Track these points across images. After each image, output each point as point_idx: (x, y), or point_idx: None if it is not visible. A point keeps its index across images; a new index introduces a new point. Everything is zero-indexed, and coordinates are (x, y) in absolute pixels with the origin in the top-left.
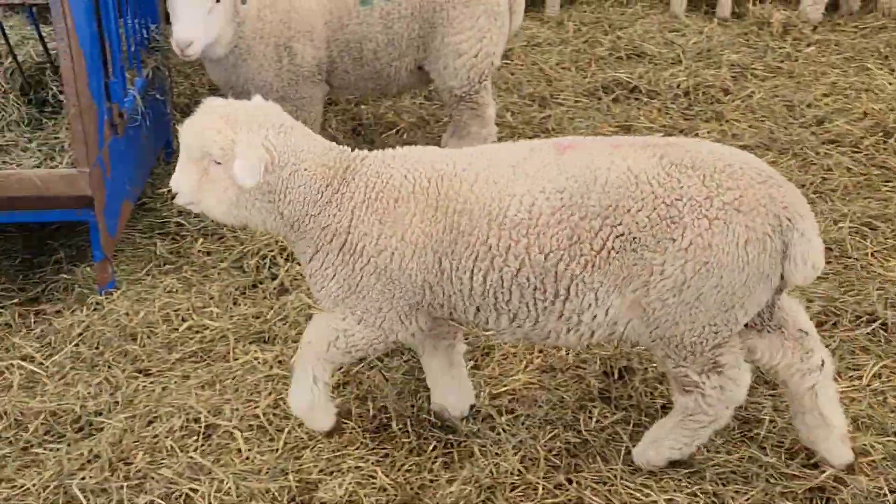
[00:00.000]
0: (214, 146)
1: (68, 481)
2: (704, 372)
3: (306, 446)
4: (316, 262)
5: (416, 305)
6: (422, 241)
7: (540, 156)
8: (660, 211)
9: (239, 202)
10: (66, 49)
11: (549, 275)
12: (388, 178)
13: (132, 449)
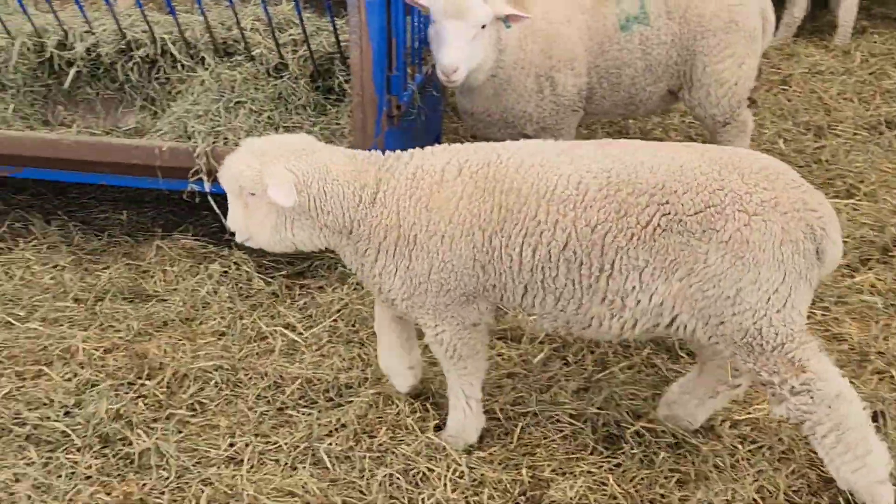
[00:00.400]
0: (245, 179)
1: (317, 444)
2: (779, 372)
3: (539, 444)
4: (380, 262)
5: (471, 293)
6: (469, 221)
7: (584, 148)
8: (703, 197)
9: (277, 226)
10: (357, 41)
11: (596, 248)
12: (430, 167)
13: (376, 423)
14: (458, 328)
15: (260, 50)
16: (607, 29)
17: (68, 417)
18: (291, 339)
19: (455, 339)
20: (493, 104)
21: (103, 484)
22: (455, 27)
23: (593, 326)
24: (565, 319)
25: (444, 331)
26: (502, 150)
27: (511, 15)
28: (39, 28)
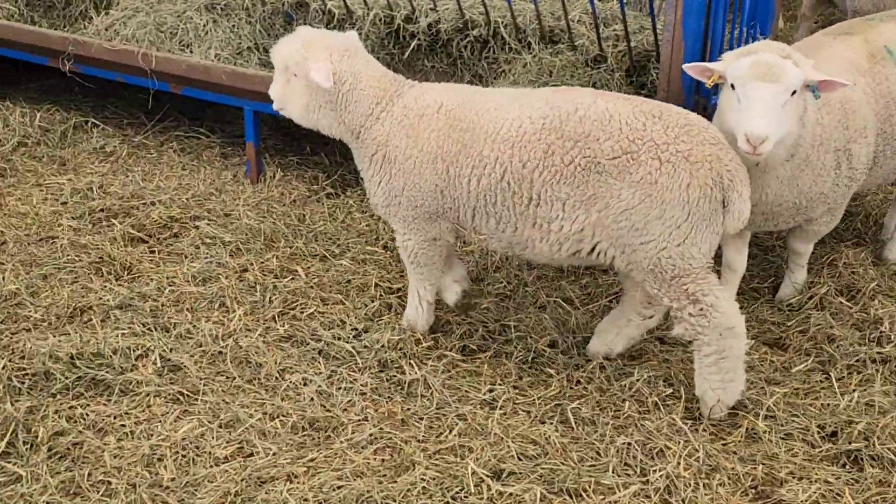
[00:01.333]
0: (292, 61)
1: (566, 404)
2: (677, 300)
3: (781, 446)
4: (370, 171)
5: (434, 213)
6: (434, 151)
7: (535, 95)
8: (622, 144)
9: (309, 107)
10: (670, 40)
11: (525, 181)
12: (421, 100)
13: (624, 396)
14: (421, 240)
15: (582, 41)
16: (891, 90)
17: (356, 340)
18: (567, 310)
19: (417, 248)
20: (786, 189)
21: (374, 401)
22: (765, 91)
23: (528, 248)
24: (507, 240)
25: (410, 239)
26: (475, 94)
27: (824, 81)
28: (392, 2)
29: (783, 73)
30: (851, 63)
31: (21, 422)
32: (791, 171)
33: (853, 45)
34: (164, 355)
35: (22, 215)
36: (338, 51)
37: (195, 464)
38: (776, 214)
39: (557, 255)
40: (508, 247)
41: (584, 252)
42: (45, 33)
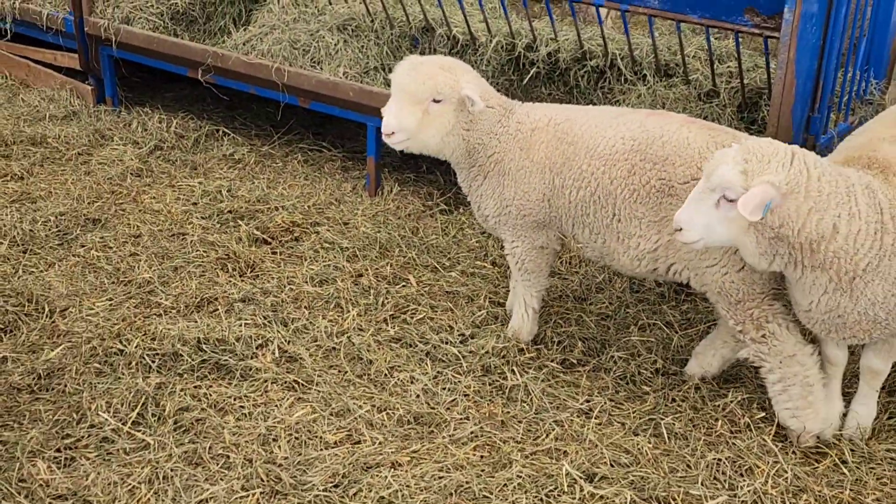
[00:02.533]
0: (445, 87)
1: (660, 418)
2: (742, 322)
3: (872, 478)
4: (485, 186)
5: (541, 222)
6: (543, 162)
7: (632, 115)
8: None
9: (453, 130)
10: (782, 77)
11: (611, 196)
12: (531, 115)
13: (717, 415)
14: (528, 247)
15: (696, 76)
16: None
17: (461, 345)
18: (667, 333)
19: (525, 255)
20: (843, 299)
21: (475, 402)
22: (698, 184)
23: (615, 259)
24: (598, 250)
25: (518, 246)
26: (579, 112)
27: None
28: (514, 31)
29: (715, 173)
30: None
31: (151, 396)
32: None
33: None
34: (282, 346)
35: (156, 212)
36: (472, 72)
37: (307, 446)
38: (842, 326)
39: (638, 269)
40: (600, 256)
41: (661, 270)
42: (187, 45)
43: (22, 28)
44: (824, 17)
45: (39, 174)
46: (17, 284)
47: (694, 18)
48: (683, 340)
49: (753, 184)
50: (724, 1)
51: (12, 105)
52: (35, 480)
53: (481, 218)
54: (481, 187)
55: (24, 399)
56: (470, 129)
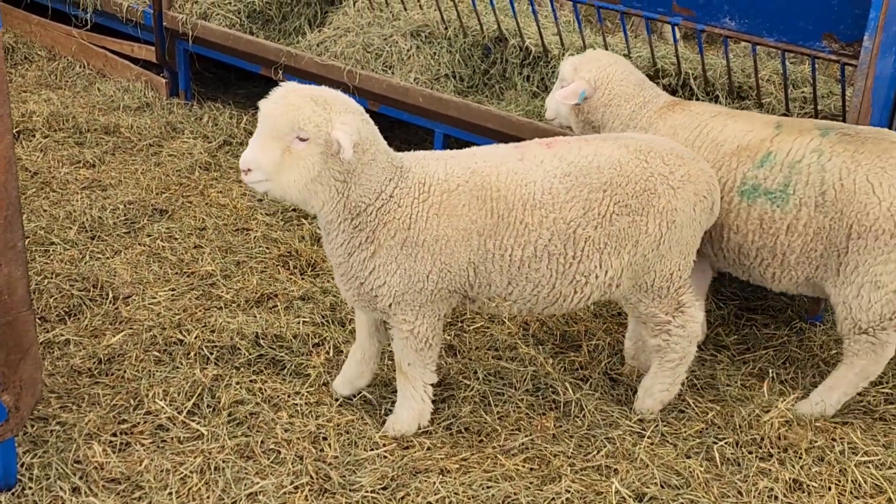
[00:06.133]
0: (310, 123)
1: (711, 442)
2: (670, 312)
3: None
4: (379, 260)
5: (456, 289)
6: (468, 228)
7: (539, 149)
8: (641, 184)
9: (319, 177)
10: (857, 105)
11: (570, 240)
12: (433, 173)
13: (777, 440)
14: (434, 321)
15: (770, 100)
16: (721, 182)
17: (511, 362)
18: (719, 358)
19: (430, 331)
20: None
21: (528, 415)
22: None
23: (558, 303)
24: (536, 301)
25: (422, 324)
26: (483, 160)
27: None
28: (588, 44)
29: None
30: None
31: (207, 387)
32: None
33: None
34: (337, 346)
35: (222, 206)
36: (360, 112)
37: (357, 446)
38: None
39: (584, 304)
40: (534, 307)
41: (609, 295)
42: (262, 44)
43: (101, 19)
44: None
45: (111, 163)
46: (83, 269)
47: (770, 42)
48: (734, 366)
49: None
50: (802, 25)
51: (88, 94)
52: (90, 462)
53: (361, 296)
54: (371, 260)
55: (84, 382)
56: (348, 182)
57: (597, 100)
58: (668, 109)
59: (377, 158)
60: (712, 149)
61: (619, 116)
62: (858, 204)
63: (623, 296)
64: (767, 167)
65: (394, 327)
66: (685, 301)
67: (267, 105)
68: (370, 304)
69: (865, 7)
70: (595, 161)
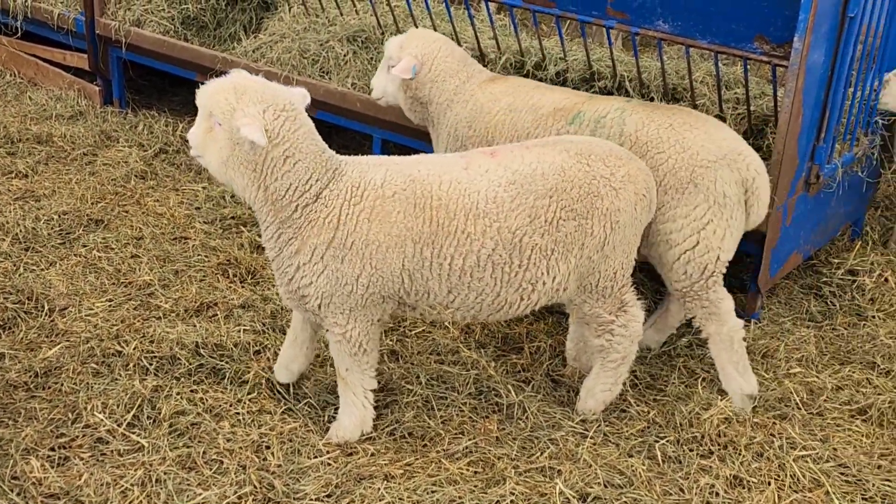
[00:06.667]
0: (217, 108)
1: (653, 440)
2: (613, 312)
3: None
4: (304, 258)
5: (390, 295)
6: (403, 234)
7: (482, 158)
8: (584, 188)
9: (228, 162)
10: (789, 105)
11: (516, 249)
12: (369, 177)
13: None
14: (366, 325)
15: (704, 101)
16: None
17: (454, 366)
18: (659, 358)
19: (363, 335)
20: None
21: (471, 419)
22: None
23: (503, 310)
24: (480, 309)
25: (354, 328)
26: (422, 167)
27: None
28: (524, 48)
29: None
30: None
31: (147, 398)
32: None
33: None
34: (278, 353)
35: (159, 215)
36: (275, 106)
37: (300, 454)
38: None
39: (530, 310)
40: (477, 315)
41: (556, 299)
42: (197, 50)
43: (32, 26)
44: (833, 47)
45: (44, 173)
46: (17, 282)
47: (703, 44)
48: (674, 365)
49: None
50: (733, 27)
51: (20, 103)
52: (28, 478)
53: (292, 294)
54: (297, 256)
55: (21, 396)
56: (259, 173)
57: (423, 76)
58: (489, 82)
59: (295, 156)
60: (531, 111)
61: (445, 91)
62: (649, 158)
63: (568, 298)
64: (577, 123)
65: (328, 331)
66: (628, 300)
67: (202, 87)
68: (301, 304)
69: (795, 9)
70: (539, 168)
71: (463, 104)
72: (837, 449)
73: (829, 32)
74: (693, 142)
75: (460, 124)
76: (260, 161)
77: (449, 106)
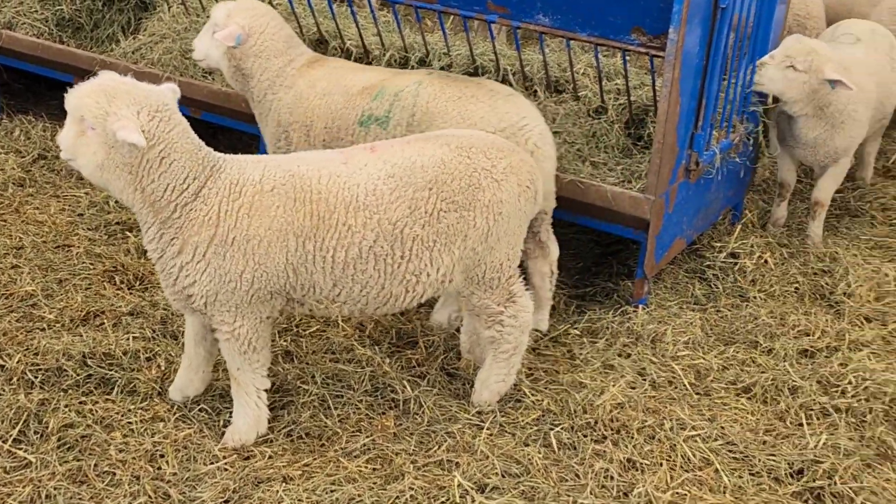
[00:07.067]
0: (89, 113)
1: (549, 429)
2: (502, 303)
3: None
4: (186, 257)
5: (277, 290)
6: (284, 228)
7: (358, 155)
8: (465, 180)
9: (104, 166)
10: (667, 95)
11: (398, 240)
12: (248, 173)
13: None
14: (255, 322)
15: (586, 93)
16: (348, 120)
17: (349, 364)
18: (551, 347)
19: (252, 332)
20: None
21: (368, 416)
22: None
23: (390, 303)
24: (366, 302)
25: (242, 326)
26: (301, 163)
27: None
28: (408, 45)
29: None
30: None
31: (33, 412)
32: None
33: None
34: (169, 359)
35: (40, 223)
36: (149, 107)
37: (196, 461)
38: None
39: (417, 302)
40: (364, 308)
41: (443, 290)
42: (73, 52)
43: None
44: (707, 37)
45: None
46: None
47: (583, 36)
48: (566, 353)
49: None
50: (611, 20)
51: None
52: None
53: (177, 295)
54: (179, 257)
55: None
56: (136, 175)
57: (248, 48)
58: (308, 66)
59: (171, 156)
60: (343, 93)
61: (268, 70)
62: (434, 128)
63: (456, 290)
64: (379, 99)
65: (217, 330)
66: (516, 291)
67: (71, 90)
68: (186, 304)
69: (670, 1)
70: (419, 161)
71: (286, 90)
72: (725, 427)
73: (702, 23)
74: (475, 113)
75: (283, 110)
76: (136, 163)
77: (270, 87)
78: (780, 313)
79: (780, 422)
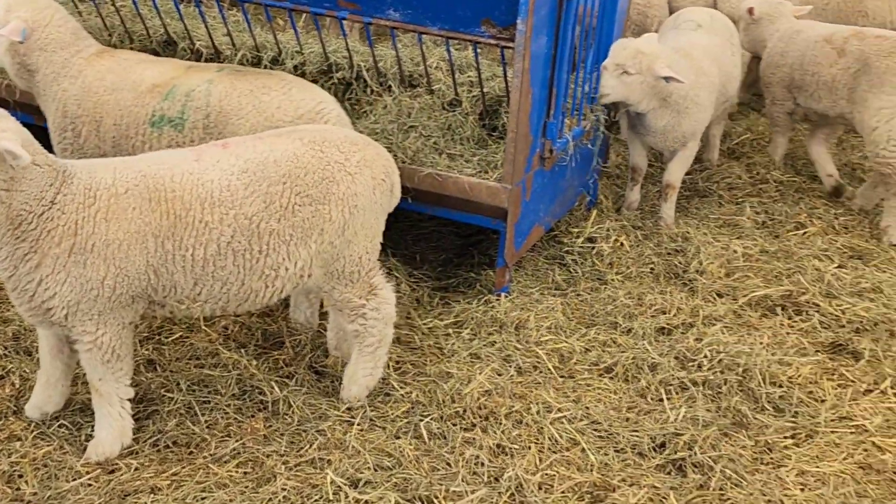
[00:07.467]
0: None
1: (418, 420)
2: (363, 296)
3: None
4: (46, 270)
5: (138, 294)
6: (142, 230)
7: (209, 151)
8: (319, 174)
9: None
10: (518, 85)
11: (255, 235)
12: (99, 177)
13: (480, 412)
14: (118, 329)
15: (440, 86)
16: (138, 118)
17: (215, 369)
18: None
19: (115, 340)
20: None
21: (237, 420)
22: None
23: (250, 300)
24: (227, 300)
25: (105, 334)
26: (156, 163)
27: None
28: (259, 44)
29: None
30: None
31: None
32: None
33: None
34: (24, 376)
35: None
36: (13, 119)
37: (58, 479)
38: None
39: (279, 297)
40: (225, 306)
41: (303, 286)
42: None
43: None
44: (554, 28)
45: None
46: None
47: (434, 30)
48: (432, 344)
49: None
50: (461, 13)
51: None
52: None
53: (34, 310)
54: (38, 271)
55: None
56: (11, 191)
57: (34, 42)
58: (96, 56)
59: (33, 163)
60: (132, 89)
61: (54, 63)
62: (231, 126)
63: (316, 285)
64: (170, 99)
65: (77, 341)
66: (377, 284)
67: None
68: (45, 319)
69: None
70: (271, 156)
71: (72, 80)
72: (589, 407)
73: (549, 14)
74: (270, 104)
75: (70, 101)
76: (14, 177)
77: (55, 79)
78: (638, 294)
79: (641, 398)
